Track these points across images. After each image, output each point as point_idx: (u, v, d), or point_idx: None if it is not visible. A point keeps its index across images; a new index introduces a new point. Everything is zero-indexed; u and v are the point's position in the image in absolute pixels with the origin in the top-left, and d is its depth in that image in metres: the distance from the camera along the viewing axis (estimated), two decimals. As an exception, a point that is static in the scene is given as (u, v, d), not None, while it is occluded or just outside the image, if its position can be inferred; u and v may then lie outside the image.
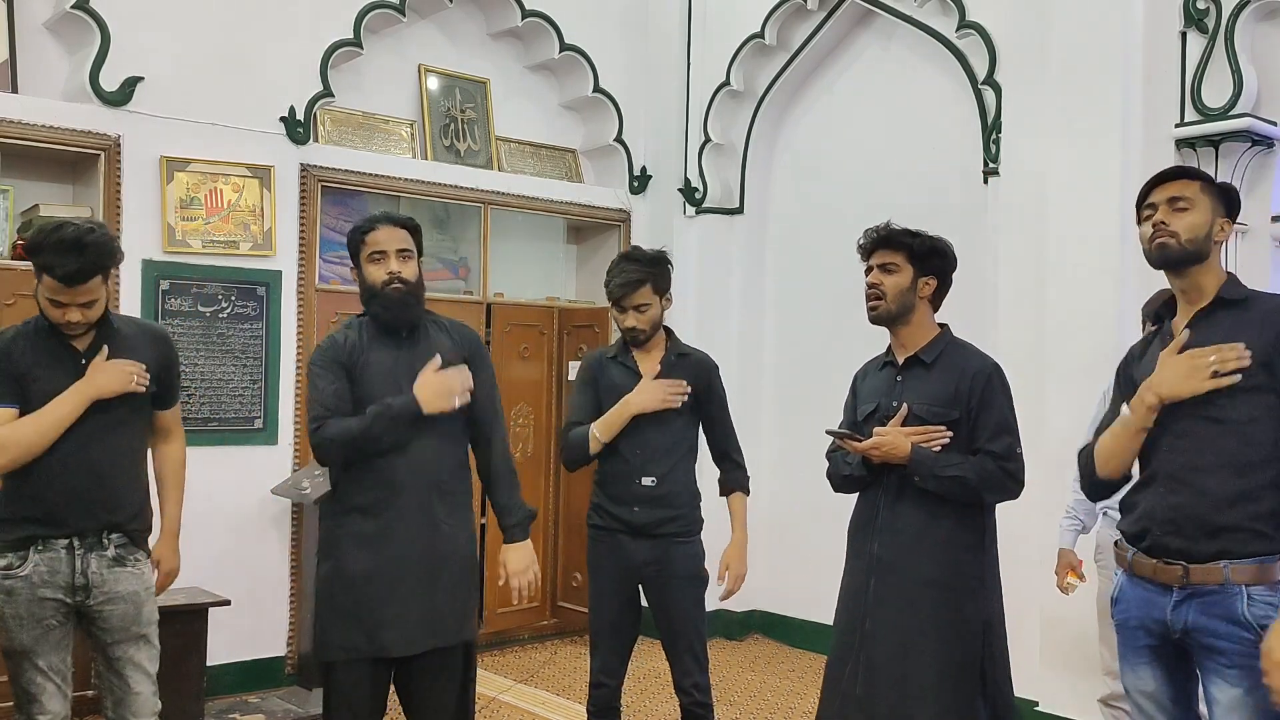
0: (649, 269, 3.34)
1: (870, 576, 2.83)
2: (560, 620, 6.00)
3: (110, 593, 2.81)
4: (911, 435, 2.76)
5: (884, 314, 2.87)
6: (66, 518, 2.77)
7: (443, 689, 2.96)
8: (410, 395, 2.84)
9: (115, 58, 4.53)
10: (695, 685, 3.34)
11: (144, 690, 2.85)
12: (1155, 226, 2.43)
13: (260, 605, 4.81)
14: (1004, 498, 2.83)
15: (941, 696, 2.75)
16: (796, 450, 5.72)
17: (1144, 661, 2.45)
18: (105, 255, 2.73)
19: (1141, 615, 2.44)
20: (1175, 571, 2.34)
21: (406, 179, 5.42)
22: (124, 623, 2.83)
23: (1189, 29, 4.20)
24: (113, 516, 2.83)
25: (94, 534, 2.81)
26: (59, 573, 2.76)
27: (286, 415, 4.95)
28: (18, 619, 2.74)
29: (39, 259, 2.70)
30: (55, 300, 2.72)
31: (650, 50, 6.28)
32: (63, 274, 2.67)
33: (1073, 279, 4.29)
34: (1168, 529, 2.37)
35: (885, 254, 2.86)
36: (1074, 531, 3.75)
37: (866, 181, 5.62)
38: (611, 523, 3.36)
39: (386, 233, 2.94)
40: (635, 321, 3.34)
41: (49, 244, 2.68)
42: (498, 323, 5.83)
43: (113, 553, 2.83)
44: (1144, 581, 2.42)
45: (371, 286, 2.94)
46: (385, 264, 2.91)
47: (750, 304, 6.15)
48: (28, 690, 2.76)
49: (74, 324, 2.76)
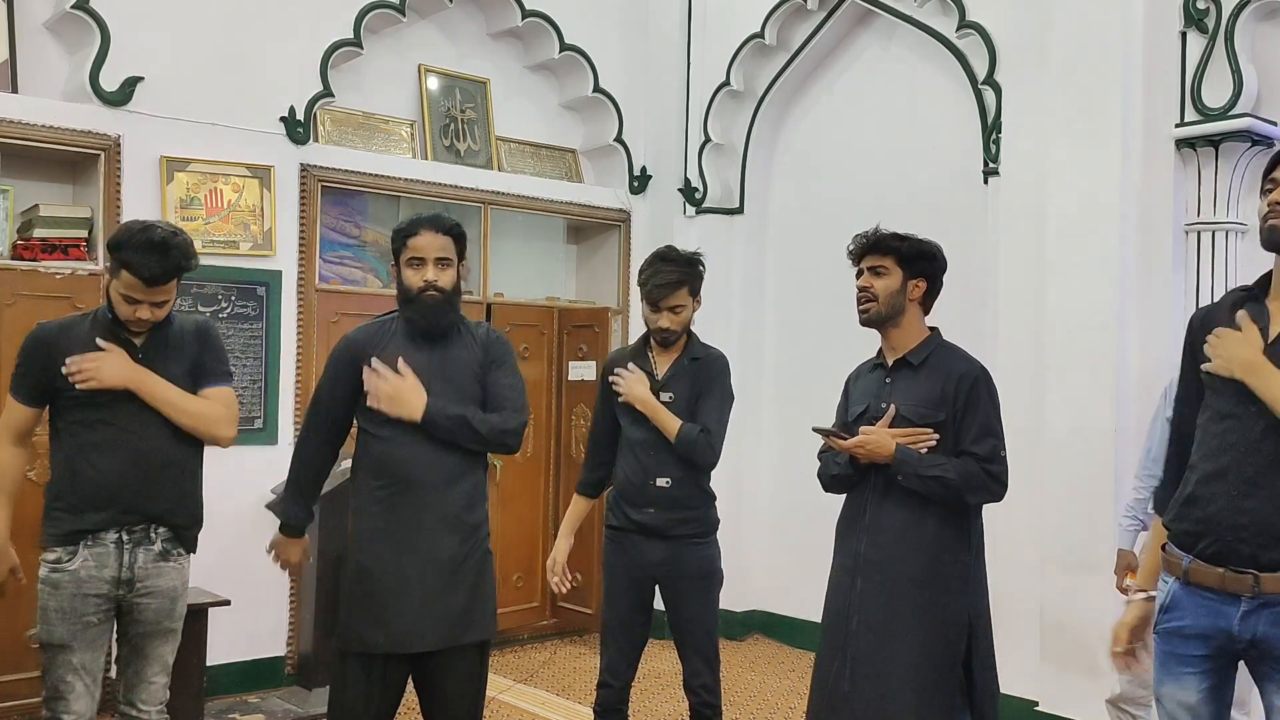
0: (686, 270, 3.36)
1: (856, 575, 2.87)
2: (560, 620, 6.00)
3: (151, 587, 2.87)
4: (898, 436, 2.79)
5: (875, 316, 2.90)
6: (118, 511, 2.82)
7: (458, 688, 2.96)
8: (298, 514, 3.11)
9: (115, 58, 4.53)
10: (704, 686, 3.35)
11: (159, 681, 2.93)
12: (1271, 206, 2.24)
13: (260, 605, 4.81)
14: (987, 499, 2.84)
15: (922, 693, 2.78)
16: (796, 450, 5.70)
17: (1192, 672, 2.30)
18: (186, 259, 2.83)
19: (1205, 625, 2.27)
20: (1246, 580, 2.20)
21: (406, 179, 5.42)
22: (158, 617, 2.89)
23: (1189, 29, 4.20)
24: (161, 509, 2.88)
25: (142, 527, 2.86)
26: (106, 566, 2.82)
27: (286, 415, 4.95)
28: (60, 612, 2.80)
29: (121, 255, 2.77)
30: (130, 297, 2.79)
31: (650, 50, 6.28)
32: (147, 274, 2.75)
33: (1073, 279, 4.29)
34: (1238, 534, 2.21)
35: (875, 258, 2.89)
36: (1133, 531, 3.60)
37: (866, 181, 5.62)
38: (627, 523, 3.37)
39: (428, 239, 2.94)
40: (669, 323, 3.36)
41: (135, 243, 2.77)
42: (498, 323, 5.81)
43: (159, 547, 2.88)
44: (1205, 590, 2.26)
45: (408, 290, 2.95)
46: (423, 271, 2.92)
47: (750, 304, 6.15)
48: (57, 687, 2.81)
49: (143, 321, 2.83)
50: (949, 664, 2.79)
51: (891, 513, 2.83)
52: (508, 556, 5.57)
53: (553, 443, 6.01)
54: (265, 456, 4.87)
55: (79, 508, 2.81)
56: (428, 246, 2.93)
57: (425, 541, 2.89)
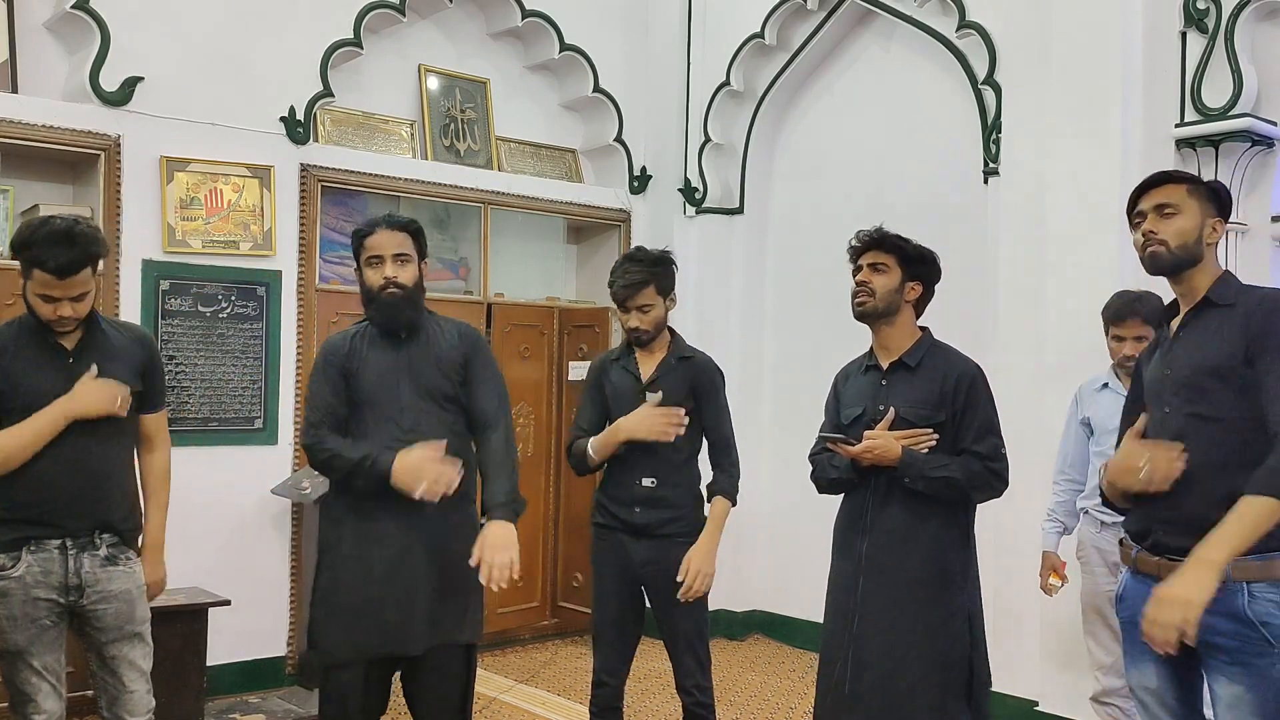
0: (652, 269, 3.34)
1: (859, 576, 2.89)
2: (561, 620, 6.00)
3: (103, 592, 2.81)
4: (899, 438, 2.82)
5: (870, 311, 2.93)
6: (59, 518, 2.77)
7: (444, 689, 2.96)
8: (389, 460, 2.80)
9: (115, 58, 4.53)
10: (696, 686, 3.34)
11: (139, 689, 2.86)
12: (1145, 235, 2.45)
13: (260, 605, 4.81)
14: (989, 497, 2.89)
15: (932, 692, 2.79)
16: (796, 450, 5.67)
17: (1149, 659, 2.42)
18: (95, 245, 2.74)
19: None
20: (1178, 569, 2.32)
21: (406, 179, 5.42)
22: (118, 621, 2.83)
23: (1189, 29, 4.20)
24: (105, 516, 2.84)
25: (86, 534, 2.81)
26: (52, 573, 2.77)
27: (286, 415, 4.94)
28: (11, 619, 2.74)
29: (29, 253, 2.69)
30: (47, 295, 2.71)
31: (650, 50, 6.29)
32: (54, 265, 2.66)
33: (1073, 279, 4.29)
34: (1169, 528, 2.37)
35: (877, 254, 2.93)
36: (1056, 533, 3.77)
37: (866, 181, 5.62)
38: (613, 522, 3.37)
39: (384, 236, 2.94)
40: (639, 322, 3.34)
41: (39, 238, 2.68)
42: (498, 323, 5.83)
43: (105, 552, 2.83)
44: (1148, 579, 2.40)
45: (369, 290, 2.96)
46: (381, 269, 2.92)
47: (750, 304, 6.15)
48: (23, 690, 2.77)
49: (65, 319, 2.75)
50: (955, 661, 2.82)
51: (894, 514, 2.85)
52: (508, 556, 5.56)
53: (553, 443, 6.01)
54: (265, 456, 4.87)
55: (20, 519, 2.76)
56: (385, 244, 2.93)
57: (410, 544, 2.88)
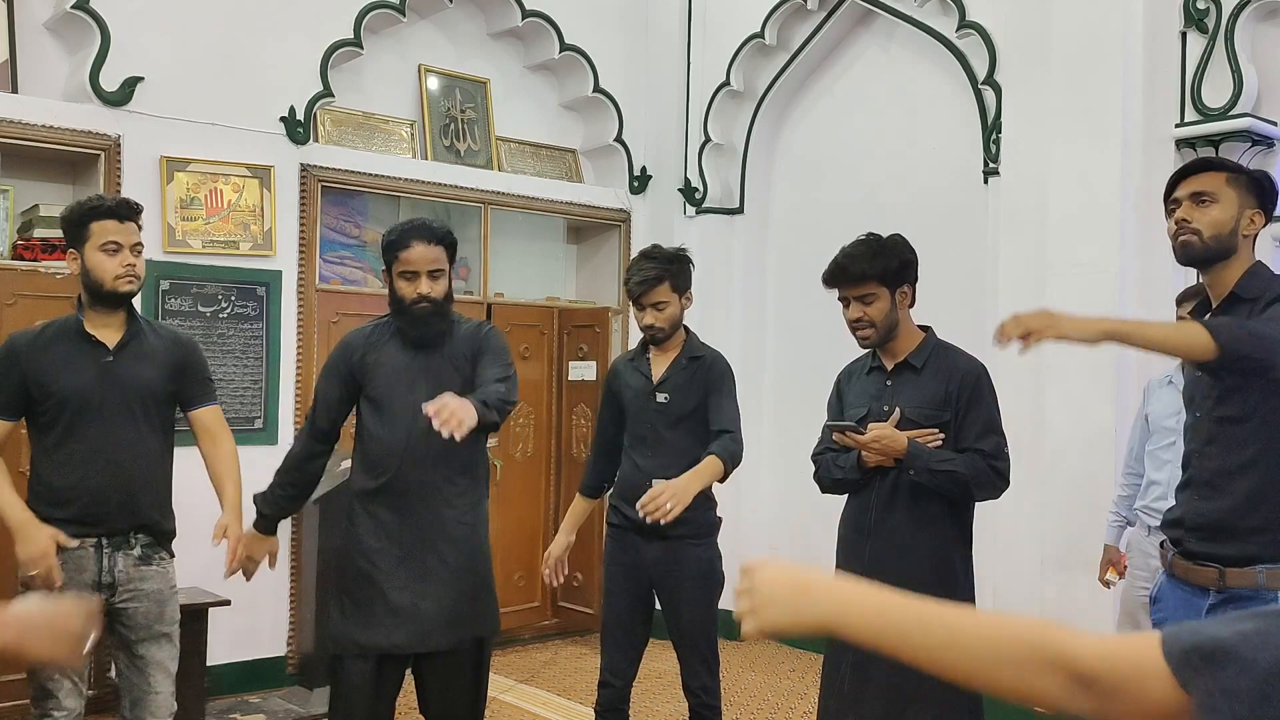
0: (667, 266, 3.34)
1: (864, 578, 2.85)
2: (562, 620, 6.00)
3: (136, 590, 2.87)
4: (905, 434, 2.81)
5: (875, 341, 2.90)
6: (95, 518, 2.83)
7: (456, 685, 2.96)
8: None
9: (115, 58, 4.52)
10: (703, 687, 3.34)
11: (164, 690, 2.91)
12: (1178, 223, 2.36)
13: (260, 605, 4.80)
14: (990, 495, 2.86)
15: (933, 691, 2.77)
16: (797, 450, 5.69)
17: None
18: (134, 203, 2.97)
19: (1180, 617, 2.38)
20: (1210, 574, 2.29)
21: (406, 179, 5.42)
22: (148, 620, 2.88)
23: (1189, 29, 4.20)
24: (139, 517, 2.89)
25: (121, 534, 2.86)
26: (86, 570, 2.82)
27: (286, 415, 4.95)
28: None
29: (90, 213, 2.86)
30: (111, 244, 2.83)
31: (650, 50, 6.28)
32: (115, 202, 2.92)
33: (1073, 279, 4.29)
34: (1199, 534, 2.33)
35: (857, 288, 2.85)
36: (1118, 527, 3.70)
37: (866, 181, 5.62)
38: (625, 522, 3.38)
39: (420, 251, 2.91)
40: (654, 319, 3.34)
41: (92, 201, 2.90)
42: (498, 323, 5.77)
43: (139, 552, 2.89)
44: (1182, 583, 2.37)
45: (400, 301, 2.95)
46: (416, 284, 2.91)
47: (751, 304, 6.15)
48: (45, 686, 2.81)
49: (127, 276, 2.85)
50: None
51: (900, 515, 2.84)
52: (508, 556, 5.57)
53: (553, 442, 6.01)
54: (265, 456, 4.82)
55: (57, 519, 2.80)
56: (420, 260, 2.91)
57: (424, 540, 2.89)
